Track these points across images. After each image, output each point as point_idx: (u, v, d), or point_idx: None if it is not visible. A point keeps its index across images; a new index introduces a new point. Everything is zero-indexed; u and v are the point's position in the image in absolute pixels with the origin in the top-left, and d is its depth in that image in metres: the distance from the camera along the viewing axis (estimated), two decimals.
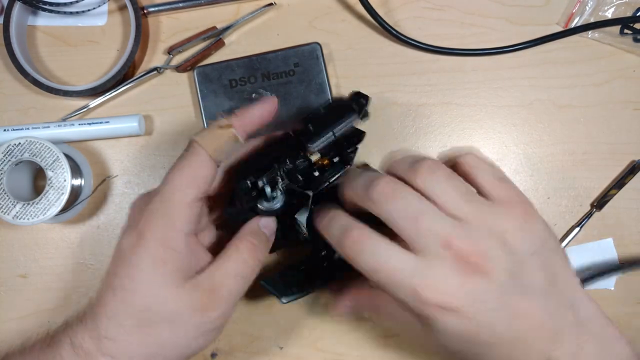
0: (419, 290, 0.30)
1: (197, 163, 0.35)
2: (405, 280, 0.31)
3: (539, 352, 0.31)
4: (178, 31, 0.50)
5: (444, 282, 0.31)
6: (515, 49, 0.49)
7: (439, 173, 0.33)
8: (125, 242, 0.34)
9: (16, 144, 0.44)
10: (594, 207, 0.48)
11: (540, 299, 0.32)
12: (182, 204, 0.34)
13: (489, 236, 0.31)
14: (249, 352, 0.48)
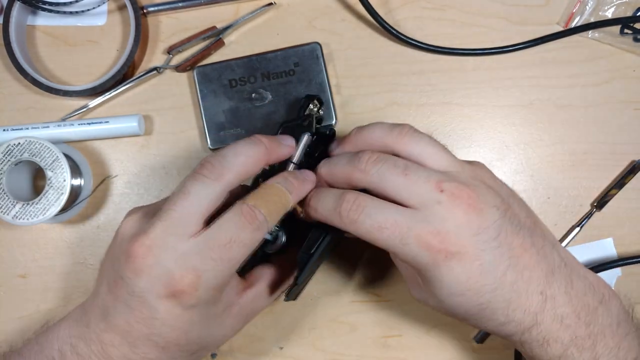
0: (425, 238, 0.31)
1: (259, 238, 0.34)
2: (409, 231, 0.32)
3: (536, 292, 0.33)
4: (178, 31, 0.50)
5: (445, 225, 0.32)
6: (515, 49, 0.49)
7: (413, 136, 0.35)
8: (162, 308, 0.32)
9: (16, 144, 0.44)
10: (594, 207, 0.48)
11: (531, 237, 0.33)
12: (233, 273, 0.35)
13: (473, 180, 0.34)
14: (249, 352, 0.48)
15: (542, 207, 0.49)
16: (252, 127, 0.47)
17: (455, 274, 0.32)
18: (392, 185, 0.33)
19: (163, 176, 0.49)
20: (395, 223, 0.32)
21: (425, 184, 0.32)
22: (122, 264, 0.33)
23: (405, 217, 0.32)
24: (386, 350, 0.48)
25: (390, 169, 0.33)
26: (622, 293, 0.37)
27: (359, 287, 0.48)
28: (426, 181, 0.32)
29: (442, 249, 0.31)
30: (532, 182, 0.49)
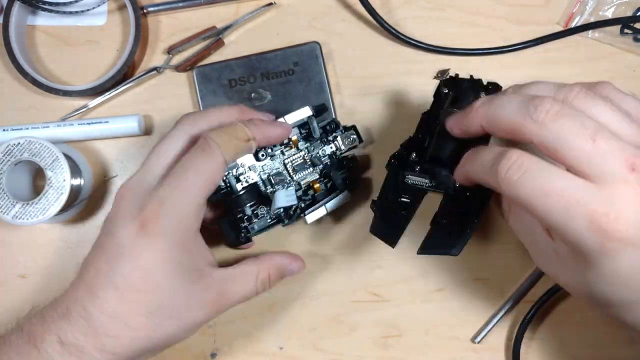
0: (598, 219, 0.27)
1: (214, 166, 0.36)
2: (579, 206, 0.27)
3: None
4: (178, 31, 0.50)
5: (627, 209, 0.27)
6: (515, 49, 0.49)
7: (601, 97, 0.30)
8: (126, 239, 0.33)
9: (15, 144, 0.44)
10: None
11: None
12: (196, 205, 0.35)
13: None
14: (249, 352, 0.48)
15: None
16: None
17: (626, 265, 0.27)
18: (573, 148, 0.28)
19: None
20: (563, 192, 0.27)
21: (615, 156, 0.27)
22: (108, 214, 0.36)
23: (578, 188, 0.27)
24: (386, 350, 0.48)
25: (576, 128, 0.28)
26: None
27: (359, 287, 0.48)
28: (618, 154, 0.27)
29: (617, 236, 0.27)
30: None
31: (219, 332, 0.48)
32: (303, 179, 0.44)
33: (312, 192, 0.44)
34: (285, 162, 0.44)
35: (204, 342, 0.48)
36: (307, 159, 0.44)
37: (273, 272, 0.40)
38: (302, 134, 0.45)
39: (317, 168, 0.44)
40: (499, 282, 0.48)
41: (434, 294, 0.48)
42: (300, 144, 0.44)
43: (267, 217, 0.43)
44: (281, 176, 0.43)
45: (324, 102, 0.47)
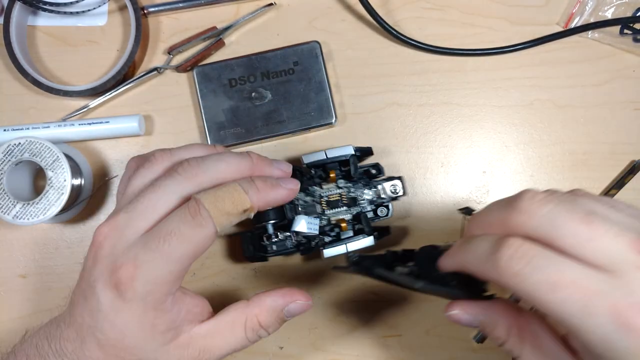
0: (622, 311, 0.23)
1: (202, 236, 0.32)
2: (599, 299, 0.24)
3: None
4: (178, 31, 0.50)
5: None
6: (515, 49, 0.49)
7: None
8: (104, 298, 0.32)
9: (16, 144, 0.44)
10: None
11: None
12: (176, 272, 0.32)
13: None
14: (249, 352, 0.48)
15: None
16: (252, 126, 0.47)
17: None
18: (568, 235, 0.25)
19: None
20: (576, 283, 0.24)
21: (616, 238, 0.24)
22: (87, 253, 0.34)
23: (592, 279, 0.24)
24: (386, 350, 0.48)
25: (566, 211, 0.25)
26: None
27: (359, 287, 0.48)
28: (618, 235, 0.24)
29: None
30: (532, 182, 0.49)
31: None
32: (334, 215, 0.44)
33: (338, 230, 0.44)
34: (320, 196, 0.44)
35: None
36: (344, 198, 0.44)
37: (264, 317, 0.36)
38: (342, 172, 0.44)
39: (352, 209, 0.44)
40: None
41: None
42: (339, 182, 0.44)
43: (287, 241, 0.42)
44: (312, 208, 0.43)
45: (326, 100, 0.47)
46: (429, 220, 0.49)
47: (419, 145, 0.49)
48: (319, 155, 0.43)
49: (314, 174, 0.44)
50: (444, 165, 0.49)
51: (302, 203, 0.43)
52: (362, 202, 0.45)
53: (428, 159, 0.49)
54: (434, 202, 0.49)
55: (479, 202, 0.49)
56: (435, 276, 0.34)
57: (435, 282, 0.34)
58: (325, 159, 0.43)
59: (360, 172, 0.44)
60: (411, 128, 0.49)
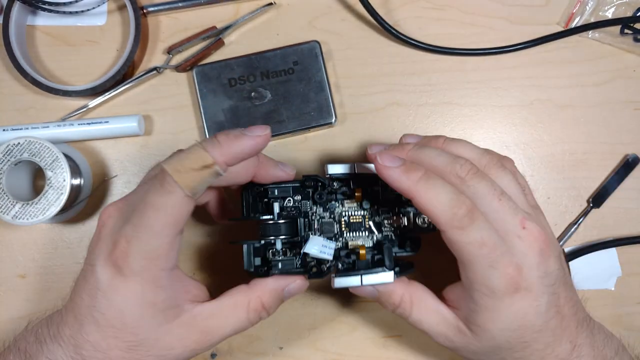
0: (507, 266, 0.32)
1: (173, 202, 0.32)
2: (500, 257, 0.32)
3: (568, 340, 0.35)
4: (177, 31, 0.50)
5: (524, 260, 0.33)
6: (515, 49, 0.49)
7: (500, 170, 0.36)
8: (103, 275, 0.33)
9: (15, 144, 0.44)
10: (590, 203, 0.48)
11: (571, 290, 0.36)
12: (164, 243, 0.33)
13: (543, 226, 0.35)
14: (249, 352, 0.48)
15: (542, 207, 0.48)
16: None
17: (516, 308, 0.33)
18: (484, 204, 0.33)
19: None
20: (495, 245, 0.32)
21: (513, 215, 0.33)
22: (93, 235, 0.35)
23: (500, 242, 0.33)
24: (386, 351, 0.48)
25: (488, 188, 0.34)
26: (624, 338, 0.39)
27: None
28: (514, 213, 0.34)
29: (515, 282, 0.33)
30: (532, 182, 0.49)
31: None
32: (353, 239, 0.39)
33: (355, 257, 0.38)
34: (341, 215, 0.39)
35: None
36: (367, 222, 0.39)
37: (267, 298, 0.36)
38: (369, 192, 0.39)
39: (375, 236, 0.39)
40: None
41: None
42: (364, 203, 0.39)
43: (294, 262, 0.37)
44: (329, 227, 0.38)
45: (325, 100, 0.47)
46: None
47: None
48: (347, 168, 0.38)
49: (337, 187, 0.39)
50: None
51: (318, 219, 0.38)
52: (386, 229, 0.39)
53: None
54: None
55: None
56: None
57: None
58: (354, 172, 0.38)
59: (391, 195, 0.39)
60: (411, 128, 0.49)
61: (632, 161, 0.48)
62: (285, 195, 0.38)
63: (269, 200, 0.38)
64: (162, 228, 0.32)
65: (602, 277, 0.48)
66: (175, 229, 0.33)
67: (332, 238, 0.38)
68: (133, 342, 0.33)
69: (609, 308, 0.48)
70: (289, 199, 0.38)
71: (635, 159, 0.48)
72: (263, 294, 0.36)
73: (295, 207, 0.38)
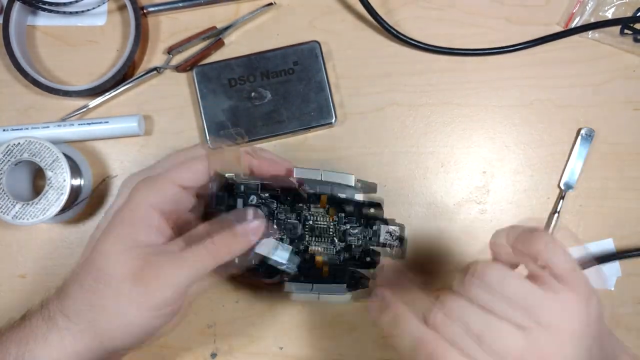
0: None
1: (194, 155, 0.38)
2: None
3: None
4: (178, 31, 0.50)
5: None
6: (515, 49, 0.49)
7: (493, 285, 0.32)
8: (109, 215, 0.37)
9: (16, 144, 0.44)
10: (562, 187, 0.49)
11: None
12: (162, 179, 0.36)
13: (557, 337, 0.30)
14: (249, 352, 0.48)
15: (542, 207, 0.49)
16: (252, 126, 0.47)
17: None
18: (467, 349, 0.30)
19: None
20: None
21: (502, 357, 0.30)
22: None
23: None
24: (386, 350, 0.48)
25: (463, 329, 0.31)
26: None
27: None
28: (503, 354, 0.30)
29: None
30: (532, 182, 0.49)
31: (219, 332, 0.48)
32: (314, 244, 0.38)
33: (311, 265, 0.38)
34: (306, 218, 0.38)
35: (204, 342, 0.48)
36: (331, 229, 0.38)
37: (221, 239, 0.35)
38: (336, 200, 0.39)
39: (337, 245, 0.39)
40: None
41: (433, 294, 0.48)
42: (330, 210, 0.39)
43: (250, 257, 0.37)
44: (295, 230, 0.38)
45: (325, 100, 0.47)
46: (429, 220, 0.49)
47: (419, 145, 0.49)
48: (314, 174, 0.37)
49: (304, 190, 0.39)
50: (444, 165, 0.49)
51: (282, 218, 0.38)
52: (351, 239, 0.39)
53: (428, 159, 0.49)
54: (434, 202, 0.49)
55: (479, 202, 0.49)
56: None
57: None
58: (319, 180, 0.38)
59: (357, 206, 0.39)
60: (411, 128, 0.49)
61: (586, 135, 0.48)
62: (252, 193, 0.38)
63: (234, 195, 0.38)
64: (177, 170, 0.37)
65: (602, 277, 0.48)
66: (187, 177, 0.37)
67: (295, 240, 0.38)
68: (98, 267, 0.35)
69: (609, 308, 0.48)
70: (252, 197, 0.38)
71: (589, 131, 0.48)
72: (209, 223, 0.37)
73: (259, 205, 0.38)
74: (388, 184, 0.48)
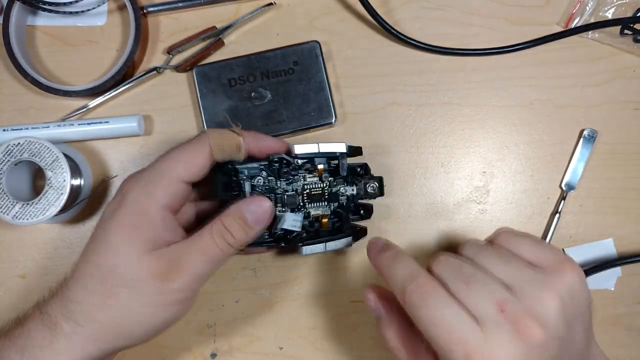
0: (470, 356, 0.29)
1: (197, 150, 0.38)
2: (461, 343, 0.29)
3: None
4: (177, 31, 0.50)
5: (496, 353, 0.29)
6: (515, 49, 0.49)
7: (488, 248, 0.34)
8: (108, 208, 0.37)
9: (16, 144, 0.44)
10: (563, 187, 0.49)
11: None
12: (168, 178, 0.37)
13: (543, 303, 0.30)
14: (249, 352, 0.48)
15: (542, 207, 0.49)
16: (252, 126, 0.47)
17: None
18: (455, 290, 0.31)
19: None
20: (448, 326, 0.30)
21: (486, 299, 0.30)
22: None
23: (461, 326, 0.30)
24: (386, 350, 0.47)
25: (454, 274, 0.32)
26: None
27: (359, 287, 0.48)
28: (488, 296, 0.30)
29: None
30: (532, 182, 0.49)
31: (219, 332, 0.48)
32: (314, 209, 0.43)
33: (318, 225, 0.43)
34: (303, 188, 0.43)
35: (204, 342, 0.48)
36: (325, 193, 0.43)
37: (228, 220, 0.37)
38: (330, 168, 0.43)
39: (332, 204, 0.44)
40: None
41: None
42: (324, 176, 0.43)
43: (263, 235, 0.41)
44: (293, 199, 0.42)
45: (325, 100, 0.47)
46: (429, 220, 0.49)
47: (419, 145, 0.49)
48: (311, 148, 0.42)
49: (301, 165, 0.43)
50: (444, 165, 0.49)
51: (282, 192, 0.42)
52: (342, 198, 0.44)
53: (428, 159, 0.49)
54: (434, 202, 0.49)
55: (479, 202, 0.49)
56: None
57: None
58: (317, 152, 0.42)
59: (347, 169, 0.43)
60: (411, 128, 0.49)
61: (589, 136, 0.48)
62: (255, 175, 0.42)
63: (239, 180, 0.41)
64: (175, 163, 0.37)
65: (602, 277, 0.48)
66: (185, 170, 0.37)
67: (295, 209, 0.43)
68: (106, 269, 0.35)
69: (609, 308, 0.48)
70: (258, 178, 0.42)
71: (592, 132, 0.48)
72: (223, 217, 0.37)
73: (264, 185, 0.42)
74: (388, 184, 0.48)
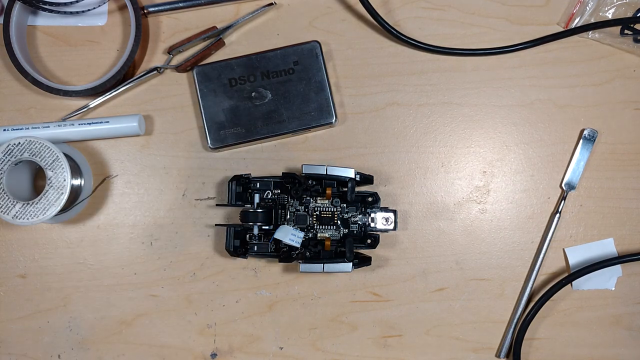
0: None
1: None
2: None
3: None
4: (178, 31, 0.50)
5: None
6: (515, 49, 0.49)
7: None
8: None
9: (16, 144, 0.44)
10: (564, 187, 0.49)
11: None
12: None
13: None
14: (249, 352, 0.48)
15: (542, 206, 0.49)
16: (252, 126, 0.47)
17: None
18: None
19: (163, 176, 0.49)
20: None
21: None
22: None
23: None
24: (386, 350, 0.48)
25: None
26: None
27: (359, 287, 0.48)
28: None
29: None
30: (532, 182, 0.49)
31: (219, 332, 0.48)
32: (322, 232, 0.45)
33: (321, 247, 0.45)
34: (314, 209, 0.45)
35: (204, 342, 0.48)
36: (336, 218, 0.45)
37: None
38: (339, 192, 0.45)
39: (341, 231, 0.45)
40: (499, 282, 0.48)
41: (434, 294, 0.48)
42: (334, 201, 0.45)
43: (269, 247, 0.45)
44: (303, 219, 0.45)
45: (326, 100, 0.47)
46: (429, 220, 0.49)
47: (419, 145, 0.49)
48: (319, 169, 0.44)
49: (311, 185, 0.44)
50: (444, 165, 0.49)
51: (293, 212, 0.45)
52: (353, 226, 0.45)
53: (428, 158, 0.49)
54: (434, 202, 0.49)
55: (480, 201, 0.49)
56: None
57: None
58: (324, 174, 0.43)
59: (356, 196, 0.44)
60: (411, 128, 0.49)
61: (589, 136, 0.48)
62: (266, 188, 0.44)
63: (251, 191, 0.44)
64: None
65: (602, 277, 0.48)
66: None
67: (305, 229, 0.44)
68: None
69: (609, 308, 0.48)
70: (268, 192, 0.44)
71: (592, 132, 0.48)
72: None
73: (273, 200, 0.45)
74: (388, 183, 0.49)
